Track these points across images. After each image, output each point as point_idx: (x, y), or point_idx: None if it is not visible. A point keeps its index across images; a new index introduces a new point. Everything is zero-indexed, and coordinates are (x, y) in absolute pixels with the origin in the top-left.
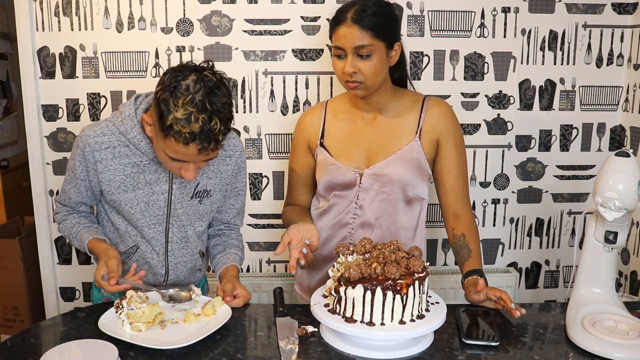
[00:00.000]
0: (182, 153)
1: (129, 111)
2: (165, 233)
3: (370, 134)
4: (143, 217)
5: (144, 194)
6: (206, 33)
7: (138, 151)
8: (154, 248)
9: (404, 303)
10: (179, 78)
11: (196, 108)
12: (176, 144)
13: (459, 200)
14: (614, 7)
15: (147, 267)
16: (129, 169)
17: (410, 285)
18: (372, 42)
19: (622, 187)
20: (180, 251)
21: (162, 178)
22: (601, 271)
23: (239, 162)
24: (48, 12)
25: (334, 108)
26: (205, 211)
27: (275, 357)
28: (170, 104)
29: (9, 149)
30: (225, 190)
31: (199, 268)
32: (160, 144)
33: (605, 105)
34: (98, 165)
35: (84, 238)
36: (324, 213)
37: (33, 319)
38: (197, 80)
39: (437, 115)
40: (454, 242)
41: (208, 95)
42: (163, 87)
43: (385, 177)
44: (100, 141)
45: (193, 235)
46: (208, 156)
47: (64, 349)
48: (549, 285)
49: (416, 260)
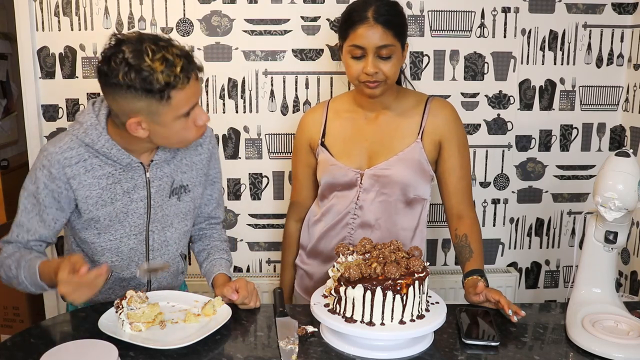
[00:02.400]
0: (191, 94)
1: (90, 120)
2: (145, 241)
3: (372, 133)
4: (122, 228)
5: (122, 205)
6: (206, 33)
7: (110, 160)
8: (133, 260)
9: (404, 303)
10: (120, 56)
11: (162, 50)
12: (181, 92)
13: (462, 201)
14: (614, 7)
15: (125, 284)
16: (103, 181)
17: (410, 285)
18: (394, 42)
19: (622, 187)
20: (161, 257)
21: (139, 184)
22: (601, 271)
23: (211, 149)
24: (48, 12)
25: (336, 107)
26: (186, 209)
27: (275, 357)
28: (145, 70)
29: (9, 149)
30: (205, 182)
31: (181, 271)
32: (170, 116)
33: (605, 105)
34: (72, 182)
35: (34, 263)
36: (325, 213)
37: (33, 319)
38: (127, 42)
39: (440, 117)
40: (456, 242)
41: (150, 39)
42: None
43: (385, 178)
44: (68, 156)
45: (173, 237)
46: (199, 83)
47: (64, 349)
48: (549, 285)
49: (416, 260)
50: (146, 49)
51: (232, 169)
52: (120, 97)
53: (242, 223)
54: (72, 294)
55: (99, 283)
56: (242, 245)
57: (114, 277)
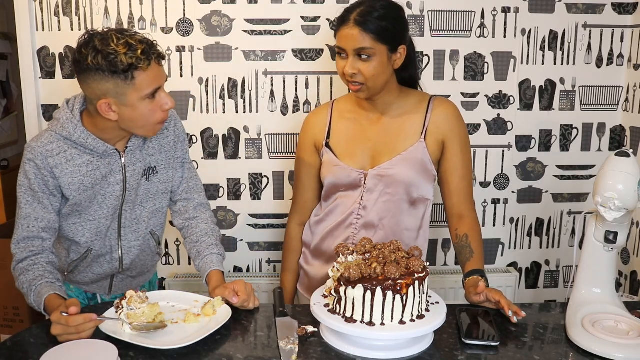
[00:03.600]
0: (153, 76)
1: (66, 115)
2: (118, 219)
3: (375, 134)
4: (101, 210)
5: (101, 188)
6: (206, 33)
7: (87, 149)
8: (109, 237)
9: (404, 303)
10: (90, 45)
11: (126, 37)
12: (143, 73)
13: (463, 201)
14: (614, 7)
15: (101, 259)
16: (84, 168)
17: (410, 285)
18: (373, 45)
19: (622, 187)
20: (132, 234)
21: (115, 169)
22: (601, 271)
23: (176, 131)
24: (48, 12)
25: (340, 108)
26: (155, 190)
27: (275, 357)
28: (111, 54)
29: (9, 149)
30: (174, 164)
31: (156, 251)
32: (135, 96)
33: (605, 105)
34: (55, 171)
35: (43, 292)
36: (328, 213)
37: (33, 319)
38: (99, 35)
39: (443, 116)
40: (457, 242)
41: (114, 30)
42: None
43: (389, 178)
44: (49, 149)
45: (143, 216)
46: (164, 71)
47: (64, 349)
48: (549, 285)
49: (416, 260)
50: (112, 36)
51: (232, 169)
52: (91, 80)
53: (242, 223)
54: (62, 336)
55: (87, 328)
56: (242, 245)
57: (94, 255)
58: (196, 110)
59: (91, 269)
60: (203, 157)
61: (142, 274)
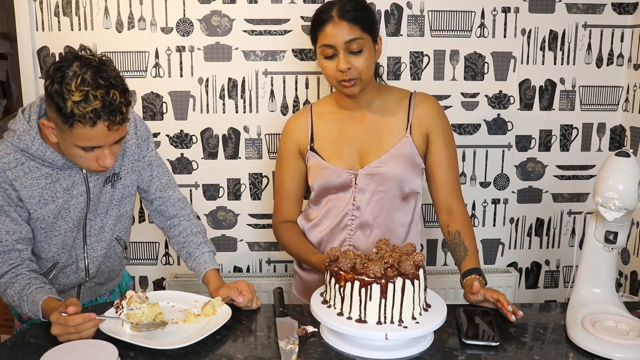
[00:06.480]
0: (93, 137)
1: (22, 126)
2: (83, 229)
3: (360, 132)
4: (66, 223)
5: (64, 202)
6: (206, 33)
7: (46, 162)
8: (74, 248)
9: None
10: (64, 68)
11: (90, 86)
12: (83, 129)
13: (450, 194)
14: (614, 7)
15: (67, 270)
16: (42, 181)
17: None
18: (361, 35)
19: (622, 187)
20: (98, 243)
21: (77, 181)
22: (601, 271)
23: (138, 133)
24: (48, 12)
25: (319, 111)
26: (119, 196)
27: (275, 357)
28: (64, 91)
29: None
30: (139, 167)
31: (123, 256)
32: (69, 139)
33: (605, 105)
34: (14, 184)
35: (37, 298)
36: (322, 218)
37: None
38: (81, 64)
39: (425, 111)
40: (450, 239)
41: (96, 73)
42: (51, 81)
43: (381, 176)
44: (6, 162)
45: (108, 223)
46: (118, 133)
47: (64, 349)
48: (549, 285)
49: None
50: (81, 76)
51: (232, 169)
52: (45, 96)
53: (242, 223)
54: (61, 336)
55: (86, 328)
56: (242, 245)
57: (59, 267)
58: (196, 110)
59: (57, 280)
60: (203, 157)
61: (110, 279)
